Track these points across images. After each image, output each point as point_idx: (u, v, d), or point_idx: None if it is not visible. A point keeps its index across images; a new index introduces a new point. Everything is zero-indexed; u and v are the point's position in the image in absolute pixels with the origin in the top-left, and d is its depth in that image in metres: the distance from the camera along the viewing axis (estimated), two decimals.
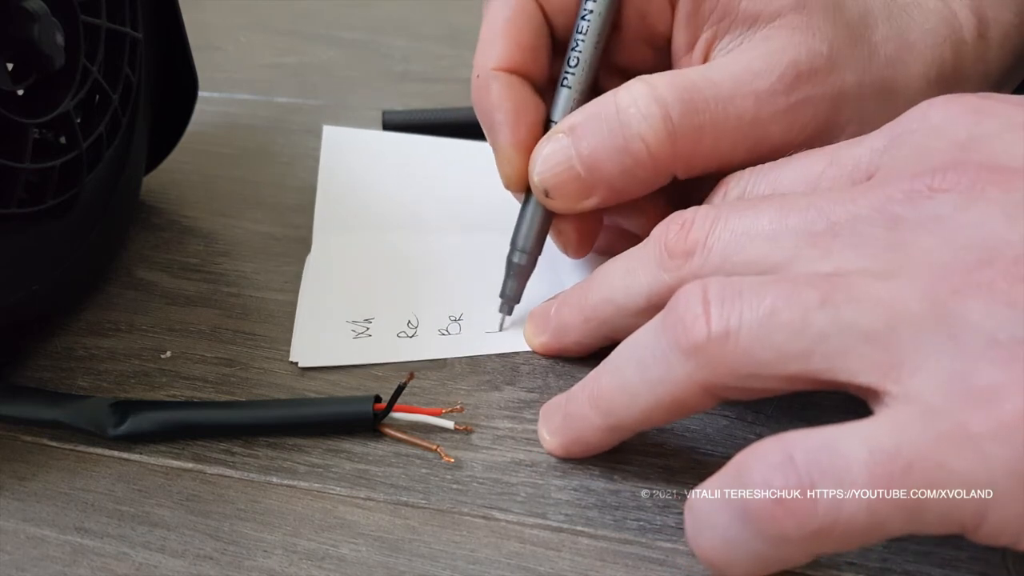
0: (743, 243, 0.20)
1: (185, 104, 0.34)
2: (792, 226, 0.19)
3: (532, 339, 0.27)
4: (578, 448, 0.23)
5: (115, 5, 0.27)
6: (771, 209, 0.20)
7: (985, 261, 0.17)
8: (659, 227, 0.22)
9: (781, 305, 0.18)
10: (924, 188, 0.18)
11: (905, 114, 0.21)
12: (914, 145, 0.20)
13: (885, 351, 0.17)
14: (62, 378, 0.26)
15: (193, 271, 0.31)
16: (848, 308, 0.17)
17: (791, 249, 0.19)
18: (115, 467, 0.23)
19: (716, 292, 0.19)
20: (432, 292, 0.29)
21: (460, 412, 0.24)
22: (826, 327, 0.17)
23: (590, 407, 0.22)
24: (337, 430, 0.24)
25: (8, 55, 0.24)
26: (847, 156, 0.21)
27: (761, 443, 0.18)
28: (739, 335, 0.18)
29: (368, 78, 0.46)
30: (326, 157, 0.35)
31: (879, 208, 0.18)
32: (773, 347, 0.18)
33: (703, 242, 0.21)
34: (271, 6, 0.55)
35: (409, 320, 0.28)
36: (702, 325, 0.18)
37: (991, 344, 0.16)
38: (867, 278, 0.18)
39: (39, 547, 0.21)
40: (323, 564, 0.21)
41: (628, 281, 0.23)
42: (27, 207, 0.24)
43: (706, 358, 0.18)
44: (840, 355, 0.17)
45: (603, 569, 0.20)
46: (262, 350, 0.27)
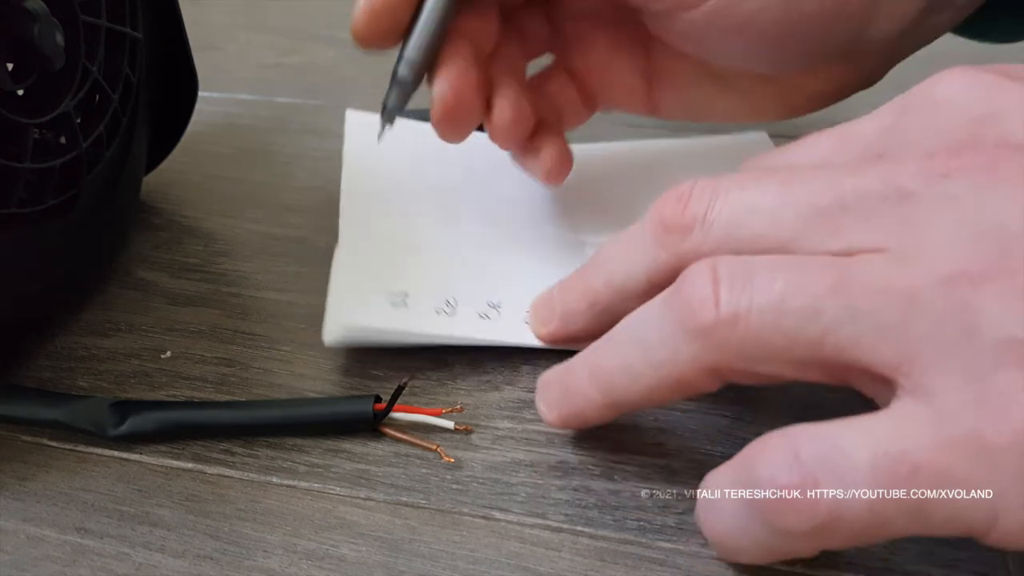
0: (745, 217, 0.19)
1: (185, 104, 0.34)
2: (797, 199, 0.18)
3: (538, 329, 0.25)
4: (577, 422, 0.22)
5: (115, 5, 0.27)
6: (775, 181, 0.19)
7: (1006, 251, 0.16)
8: (656, 202, 0.21)
9: (793, 290, 0.17)
10: (939, 166, 0.17)
11: (913, 89, 0.20)
12: (925, 121, 0.19)
13: (898, 342, 0.16)
14: (62, 378, 0.26)
15: (193, 271, 0.31)
16: (861, 295, 0.17)
17: (797, 224, 0.18)
18: (115, 467, 0.23)
19: (726, 272, 0.18)
20: (470, 276, 0.28)
21: (460, 412, 0.24)
22: (838, 314, 0.17)
23: (589, 383, 0.21)
24: (337, 430, 0.24)
25: (8, 55, 0.24)
26: (855, 135, 0.20)
27: (768, 438, 0.17)
28: (749, 319, 0.17)
29: (368, 78, 0.45)
30: (349, 141, 0.34)
31: (890, 182, 0.17)
32: (783, 332, 0.17)
33: (702, 216, 0.20)
34: (271, 6, 0.55)
35: (448, 300, 0.27)
36: (710, 307, 0.18)
37: (1010, 345, 0.15)
38: (881, 261, 0.17)
39: (39, 547, 0.21)
40: (323, 564, 0.21)
41: (627, 261, 0.22)
42: (27, 207, 0.24)
43: (714, 341, 0.18)
44: (852, 344, 0.17)
45: (603, 569, 0.20)
46: (262, 350, 0.27)
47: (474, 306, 0.27)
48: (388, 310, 0.26)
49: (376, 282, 0.27)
